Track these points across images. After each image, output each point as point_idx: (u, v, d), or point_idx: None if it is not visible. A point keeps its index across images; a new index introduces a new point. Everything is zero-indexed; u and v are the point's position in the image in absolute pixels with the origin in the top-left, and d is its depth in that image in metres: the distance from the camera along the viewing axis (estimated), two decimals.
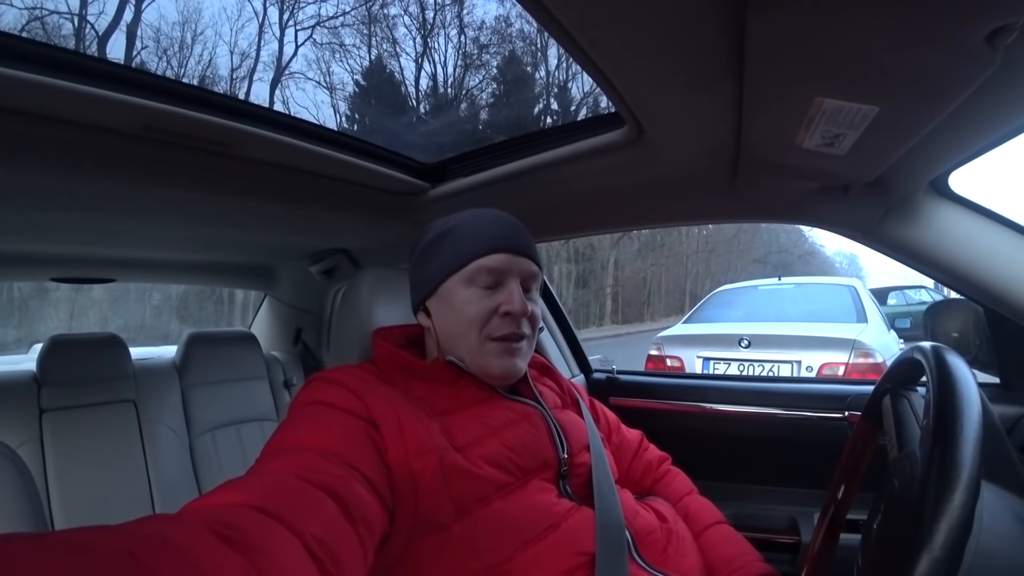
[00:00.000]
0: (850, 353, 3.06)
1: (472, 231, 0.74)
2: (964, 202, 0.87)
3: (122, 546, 0.32)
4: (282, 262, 1.88)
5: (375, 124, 17.65)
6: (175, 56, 15.42)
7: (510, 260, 0.73)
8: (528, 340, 0.75)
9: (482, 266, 0.72)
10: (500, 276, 0.73)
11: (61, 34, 13.14)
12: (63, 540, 0.31)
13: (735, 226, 24.39)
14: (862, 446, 0.84)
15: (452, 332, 0.73)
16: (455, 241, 0.74)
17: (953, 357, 0.59)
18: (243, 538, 0.38)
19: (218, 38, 17.32)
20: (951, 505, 0.44)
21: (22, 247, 1.30)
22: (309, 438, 0.56)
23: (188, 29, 15.66)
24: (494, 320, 0.72)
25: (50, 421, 1.35)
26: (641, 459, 0.93)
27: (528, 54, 19.19)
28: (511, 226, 0.76)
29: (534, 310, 0.75)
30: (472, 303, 0.71)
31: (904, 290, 8.58)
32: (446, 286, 0.73)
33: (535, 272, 0.76)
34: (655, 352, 3.96)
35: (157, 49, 15.15)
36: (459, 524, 0.59)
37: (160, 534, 0.35)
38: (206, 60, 16.08)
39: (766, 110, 0.64)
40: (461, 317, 0.72)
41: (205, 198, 1.02)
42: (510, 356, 0.72)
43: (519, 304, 0.71)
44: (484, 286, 0.72)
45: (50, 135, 0.72)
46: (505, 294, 0.72)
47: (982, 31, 0.42)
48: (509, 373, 0.73)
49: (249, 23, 17.62)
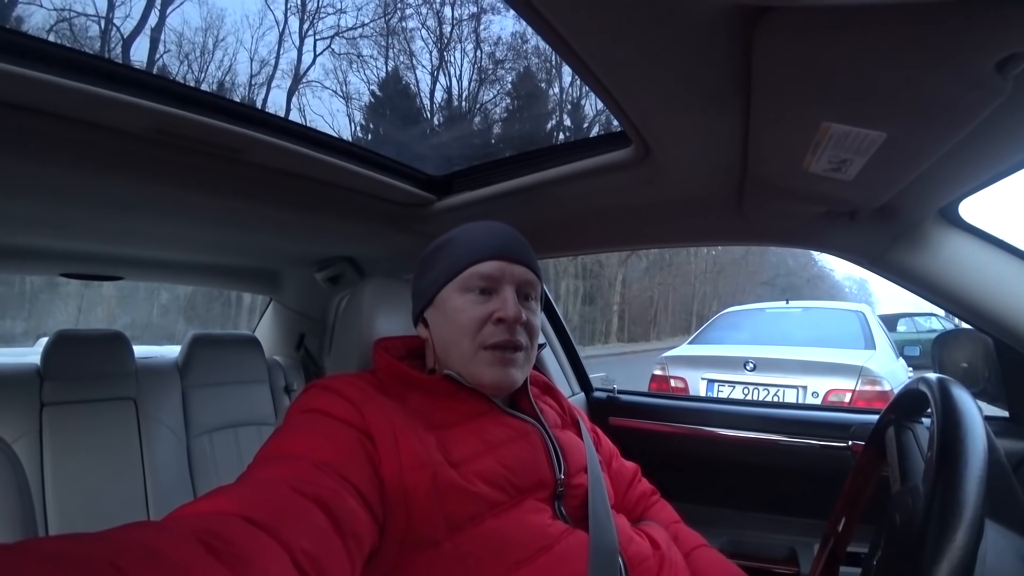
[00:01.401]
0: (857, 380, 3.02)
1: (468, 240, 0.74)
2: (974, 231, 0.86)
3: (105, 556, 0.31)
4: (288, 267, 1.89)
5: (388, 134, 17.85)
6: (196, 61, 15.75)
7: (504, 267, 0.72)
8: (525, 352, 0.73)
9: (475, 272, 0.71)
10: (494, 282, 0.72)
11: (88, 36, 13.46)
12: (43, 549, 0.30)
13: (744, 247, 24.36)
14: (864, 477, 0.83)
15: (447, 341, 0.72)
16: (451, 251, 0.74)
17: (958, 390, 0.58)
18: (230, 549, 0.38)
19: (239, 45, 17.73)
20: (953, 545, 0.43)
21: (34, 241, 1.32)
22: (303, 447, 0.56)
23: (210, 35, 16.03)
24: (487, 327, 0.71)
25: (50, 415, 1.35)
26: (635, 489, 0.92)
27: (543, 70, 19.42)
28: (507, 235, 0.76)
29: (531, 319, 0.74)
30: (465, 310, 0.71)
31: (914, 317, 8.47)
32: (442, 295, 0.73)
33: (532, 280, 0.75)
34: (659, 372, 3.92)
35: (179, 53, 15.49)
36: (450, 541, 0.58)
37: (145, 543, 0.34)
38: (226, 66, 16.43)
39: (773, 134, 0.64)
40: (455, 325, 0.71)
41: (214, 201, 1.03)
42: (503, 366, 0.70)
43: (512, 310, 0.70)
44: (478, 293, 0.72)
45: (65, 134, 0.74)
46: (499, 300, 0.71)
47: (992, 59, 0.42)
48: (502, 383, 0.71)
49: (270, 31, 18.03)
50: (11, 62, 0.61)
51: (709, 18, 0.48)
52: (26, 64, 0.62)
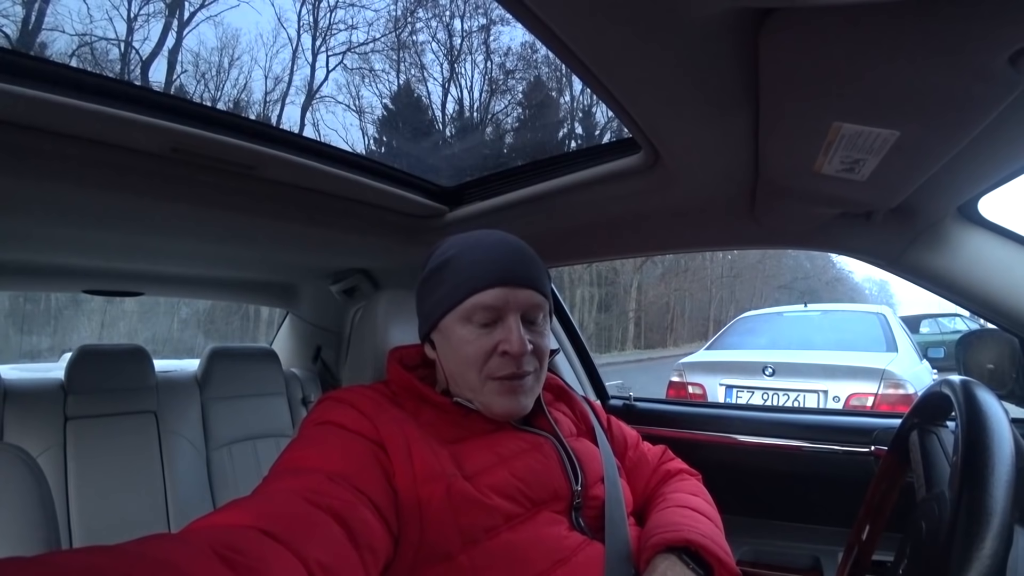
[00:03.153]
0: (879, 383, 2.95)
1: (468, 264, 0.69)
2: (995, 228, 0.84)
3: (122, 570, 0.32)
4: (304, 281, 1.91)
5: (401, 146, 18.06)
6: (212, 80, 16.11)
7: (508, 295, 0.68)
8: (534, 375, 0.71)
9: (478, 303, 0.67)
10: (498, 313, 0.68)
11: (108, 59, 13.85)
12: (62, 564, 0.31)
13: (760, 252, 24.07)
14: (888, 484, 0.81)
15: (454, 370, 0.70)
16: (453, 274, 0.70)
17: (983, 392, 0.56)
18: (246, 562, 0.38)
19: (253, 63, 18.02)
20: (981, 554, 0.41)
21: (58, 260, 1.36)
22: (318, 459, 0.56)
23: (226, 54, 16.36)
24: (493, 359, 0.68)
25: (74, 429, 1.38)
26: (659, 472, 0.89)
27: (553, 80, 19.52)
28: (512, 254, 0.71)
29: (539, 343, 0.71)
30: (469, 343, 0.68)
31: (938, 318, 8.24)
32: (444, 323, 0.70)
33: (539, 303, 0.71)
34: (676, 379, 3.88)
35: (196, 73, 15.85)
36: (466, 555, 0.58)
37: (162, 557, 0.35)
38: (241, 84, 16.75)
39: (783, 135, 0.63)
40: (459, 357, 0.68)
41: (230, 217, 1.05)
42: (513, 394, 0.69)
43: (517, 345, 0.66)
44: (481, 324, 0.68)
45: (86, 155, 0.76)
46: (503, 331, 0.68)
47: (1004, 53, 0.41)
48: (513, 413, 0.70)
49: (283, 49, 18.37)
50: (36, 87, 0.63)
51: (713, 22, 0.48)
52: (49, 89, 0.64)
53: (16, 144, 0.71)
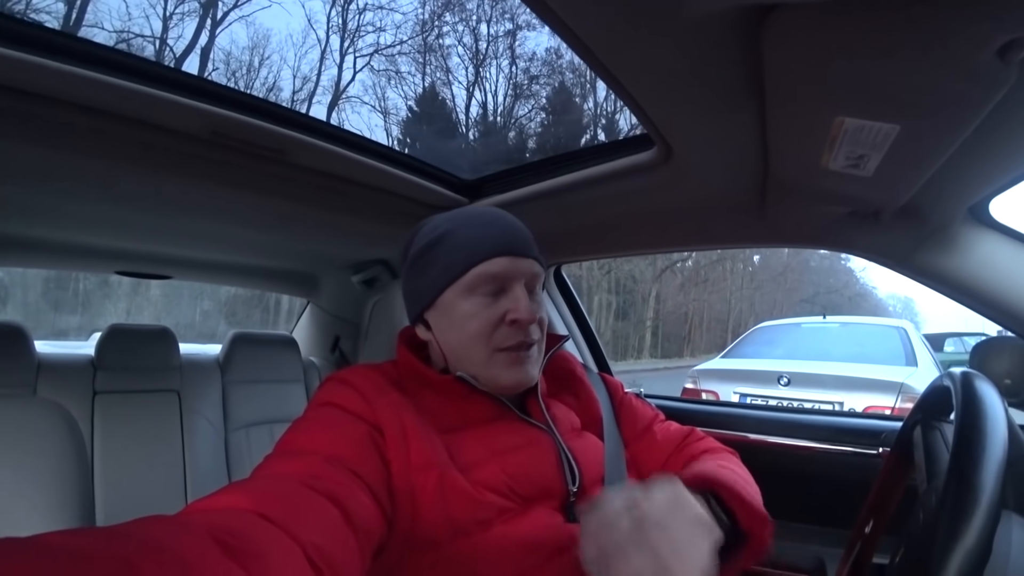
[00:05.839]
0: (897, 397, 2.90)
1: (468, 235, 0.68)
2: (1007, 231, 0.83)
3: (120, 554, 0.32)
4: (325, 271, 1.96)
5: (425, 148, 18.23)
6: (243, 78, 16.48)
7: (513, 263, 0.67)
8: (538, 345, 0.70)
9: (483, 273, 0.66)
10: (503, 282, 0.67)
11: (143, 56, 14.29)
12: (58, 545, 0.31)
13: (782, 263, 23.70)
14: (892, 481, 0.81)
15: (457, 347, 0.68)
16: (450, 248, 0.68)
17: (982, 383, 0.57)
18: (244, 546, 0.38)
19: (283, 62, 18.40)
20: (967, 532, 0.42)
21: (93, 240, 1.43)
22: (316, 442, 0.57)
23: (256, 53, 16.75)
24: (501, 329, 0.66)
25: (101, 402, 1.44)
26: (682, 452, 0.83)
27: (577, 85, 19.55)
28: (510, 226, 0.70)
29: (542, 315, 0.70)
30: (475, 316, 0.66)
31: (963, 336, 8.02)
32: (444, 297, 0.68)
33: (539, 272, 0.71)
34: (690, 385, 3.87)
35: (227, 71, 16.25)
36: (457, 545, 0.58)
37: (159, 541, 0.35)
38: (270, 83, 17.12)
39: (789, 131, 0.65)
40: (465, 332, 0.67)
41: (259, 201, 1.09)
42: (521, 365, 0.68)
43: (526, 312, 0.66)
44: (486, 294, 0.67)
45: (128, 134, 0.80)
46: (511, 300, 0.66)
47: (991, 46, 0.42)
48: (522, 382, 0.69)
49: (312, 49, 18.69)
50: (83, 67, 0.68)
51: (718, 19, 0.50)
52: (97, 69, 0.68)
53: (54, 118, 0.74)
